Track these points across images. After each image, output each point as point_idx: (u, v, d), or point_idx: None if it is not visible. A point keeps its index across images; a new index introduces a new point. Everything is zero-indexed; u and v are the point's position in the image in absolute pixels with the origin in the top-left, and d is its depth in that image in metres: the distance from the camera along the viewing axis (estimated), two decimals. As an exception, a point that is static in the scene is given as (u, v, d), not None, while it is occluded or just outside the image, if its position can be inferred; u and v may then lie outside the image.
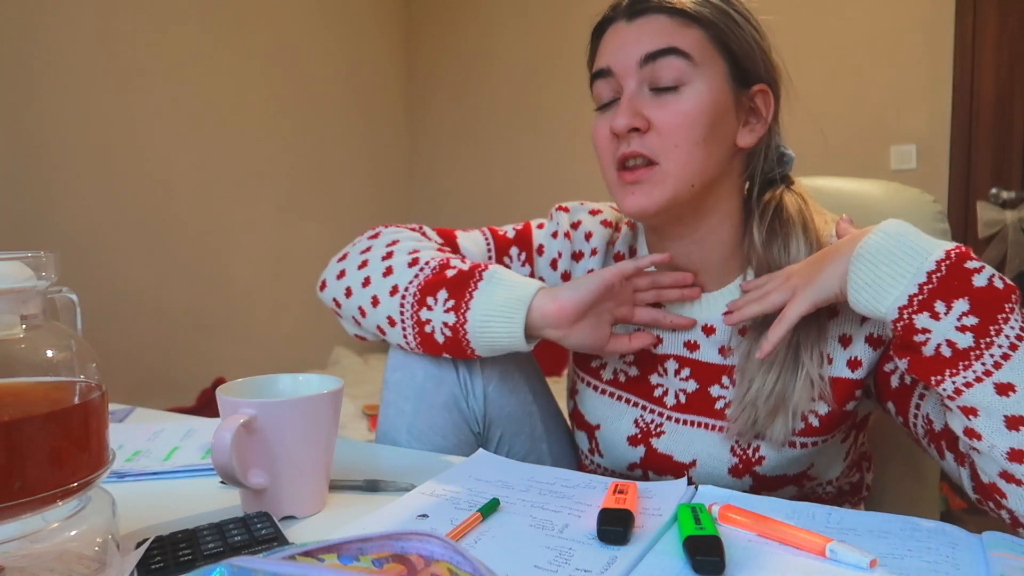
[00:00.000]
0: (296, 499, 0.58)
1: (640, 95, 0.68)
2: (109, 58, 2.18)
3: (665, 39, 0.66)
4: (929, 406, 0.64)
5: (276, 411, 0.56)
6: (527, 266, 0.84)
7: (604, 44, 0.71)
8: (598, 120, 0.72)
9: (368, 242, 0.79)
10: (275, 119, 2.75)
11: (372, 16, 3.21)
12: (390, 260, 0.75)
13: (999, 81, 2.30)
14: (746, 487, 0.72)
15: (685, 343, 0.75)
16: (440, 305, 0.70)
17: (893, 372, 0.67)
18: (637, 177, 0.67)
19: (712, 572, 0.45)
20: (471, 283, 0.69)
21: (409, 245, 0.76)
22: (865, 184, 0.98)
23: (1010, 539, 0.50)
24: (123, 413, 0.94)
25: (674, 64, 0.66)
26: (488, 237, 0.85)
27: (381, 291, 0.73)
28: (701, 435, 0.74)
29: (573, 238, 0.83)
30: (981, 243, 2.34)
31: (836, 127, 2.52)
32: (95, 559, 0.44)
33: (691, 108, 0.66)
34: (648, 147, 0.67)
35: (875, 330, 0.67)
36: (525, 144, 3.14)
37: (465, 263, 0.73)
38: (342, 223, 3.00)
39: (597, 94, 0.72)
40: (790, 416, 0.67)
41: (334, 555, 0.35)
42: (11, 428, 0.39)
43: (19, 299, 0.43)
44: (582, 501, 0.58)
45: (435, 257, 0.74)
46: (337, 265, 0.79)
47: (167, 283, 2.37)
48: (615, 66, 0.69)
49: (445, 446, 0.77)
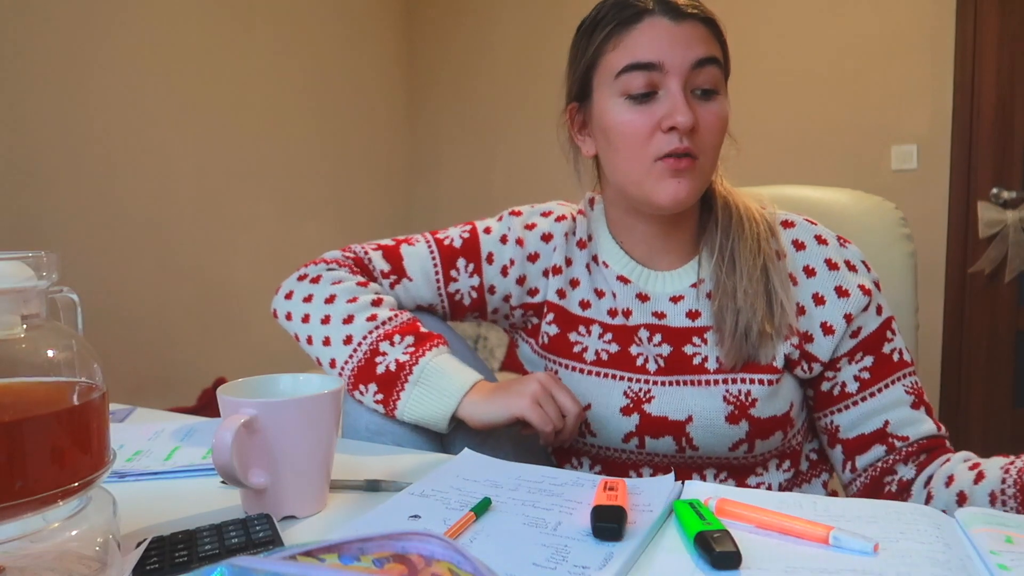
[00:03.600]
0: (297, 499, 0.58)
1: (689, 96, 0.73)
2: (110, 58, 2.18)
3: (710, 48, 0.73)
4: (848, 419, 0.78)
5: (277, 411, 0.56)
6: (475, 276, 0.87)
7: (643, 36, 0.73)
8: (633, 110, 0.74)
9: (310, 288, 0.84)
10: (276, 119, 2.75)
11: (372, 15, 3.22)
12: (328, 328, 0.80)
13: (1000, 81, 2.30)
14: (742, 434, 0.77)
15: (653, 312, 0.82)
16: (370, 395, 0.77)
17: (832, 380, 0.79)
18: (688, 165, 0.73)
19: (732, 566, 0.46)
20: (397, 383, 0.76)
21: (342, 310, 0.80)
22: (829, 192, 1.04)
23: (982, 513, 0.51)
24: (124, 413, 0.94)
25: (714, 72, 0.74)
26: (433, 248, 0.87)
27: (323, 357, 0.81)
28: (690, 392, 0.78)
29: (527, 242, 0.87)
30: (982, 243, 2.34)
31: (837, 127, 2.53)
32: (96, 559, 0.44)
33: (724, 113, 0.75)
34: (695, 146, 0.73)
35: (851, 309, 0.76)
36: (525, 142, 3.13)
37: (395, 344, 0.77)
38: (343, 222, 3.00)
39: (628, 83, 0.74)
40: (773, 338, 0.76)
41: (335, 555, 0.35)
42: (12, 428, 0.39)
43: (20, 299, 0.43)
44: (572, 498, 0.59)
45: (367, 334, 0.78)
46: (285, 303, 0.85)
47: (168, 283, 2.37)
48: (667, 62, 0.72)
49: (403, 433, 0.78)
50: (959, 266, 2.39)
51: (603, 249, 0.86)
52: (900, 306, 0.96)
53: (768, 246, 0.78)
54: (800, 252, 0.79)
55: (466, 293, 0.87)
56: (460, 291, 0.87)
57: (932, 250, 2.40)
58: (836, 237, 0.80)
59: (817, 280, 0.77)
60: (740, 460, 0.80)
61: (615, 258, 0.85)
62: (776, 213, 0.82)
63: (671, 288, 0.82)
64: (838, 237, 0.80)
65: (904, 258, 0.99)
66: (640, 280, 0.83)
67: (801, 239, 0.79)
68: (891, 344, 0.78)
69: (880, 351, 0.78)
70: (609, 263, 0.85)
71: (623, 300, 0.83)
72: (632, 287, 0.83)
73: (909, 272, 0.99)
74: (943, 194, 2.39)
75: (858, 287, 0.77)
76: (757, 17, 2.56)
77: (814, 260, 0.78)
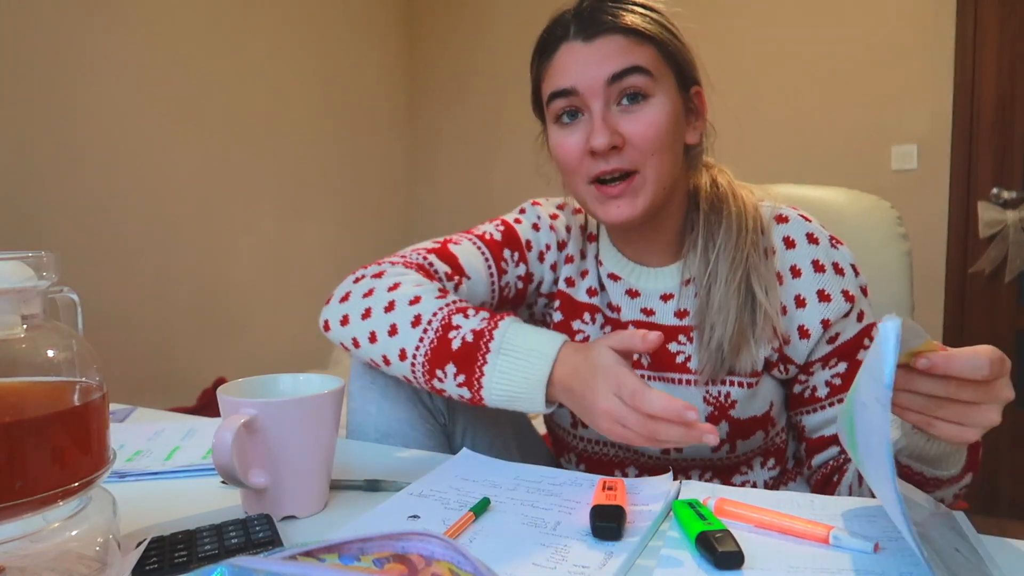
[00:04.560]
0: (297, 499, 0.58)
1: (609, 112, 0.72)
2: (110, 58, 2.18)
3: (627, 58, 0.71)
4: (813, 420, 0.79)
5: (277, 411, 0.56)
6: (521, 265, 0.86)
7: (560, 63, 0.74)
8: (561, 135, 0.75)
9: (372, 282, 0.76)
10: (276, 120, 2.75)
11: (373, 19, 3.22)
12: (393, 314, 0.72)
13: (1000, 81, 2.30)
14: (723, 435, 0.78)
15: (642, 309, 0.83)
16: (451, 379, 0.68)
17: (804, 383, 0.79)
18: (620, 191, 0.73)
19: (735, 565, 0.46)
20: (478, 355, 0.67)
21: (409, 292, 0.73)
22: (825, 191, 1.04)
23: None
24: (124, 413, 0.94)
25: (638, 80, 0.72)
26: (479, 244, 0.85)
27: (390, 352, 0.71)
28: (672, 390, 0.79)
29: (557, 229, 0.88)
30: (982, 243, 2.34)
31: (837, 127, 2.52)
32: (96, 559, 0.44)
33: (659, 118, 0.72)
34: (626, 161, 0.72)
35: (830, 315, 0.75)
36: (525, 144, 3.12)
37: (469, 316, 0.69)
38: (343, 224, 3.00)
39: (555, 110, 0.75)
40: (752, 346, 0.75)
41: (335, 555, 0.35)
42: (12, 428, 0.40)
43: (20, 299, 0.44)
44: (571, 498, 0.59)
45: (438, 311, 0.71)
46: (340, 307, 0.76)
47: (168, 283, 2.37)
48: (580, 86, 0.72)
49: (415, 437, 0.80)
50: (959, 266, 2.39)
51: (601, 247, 0.88)
52: (896, 305, 0.97)
53: (755, 252, 0.76)
54: (789, 250, 0.77)
55: (513, 284, 0.86)
56: (509, 283, 0.86)
57: (932, 250, 2.40)
58: (829, 237, 0.78)
59: (801, 281, 0.76)
60: (724, 460, 0.81)
61: (609, 255, 0.86)
62: (772, 206, 0.80)
63: (661, 285, 0.82)
64: (831, 237, 0.78)
65: (900, 257, 0.99)
66: (631, 277, 0.84)
67: (792, 236, 0.78)
68: (867, 351, 0.78)
69: (855, 358, 0.77)
70: (603, 260, 0.86)
71: (614, 296, 0.84)
72: (622, 284, 0.84)
73: (905, 271, 0.99)
74: (943, 194, 2.39)
75: (841, 292, 0.75)
76: (757, 17, 2.56)
77: (801, 260, 0.76)
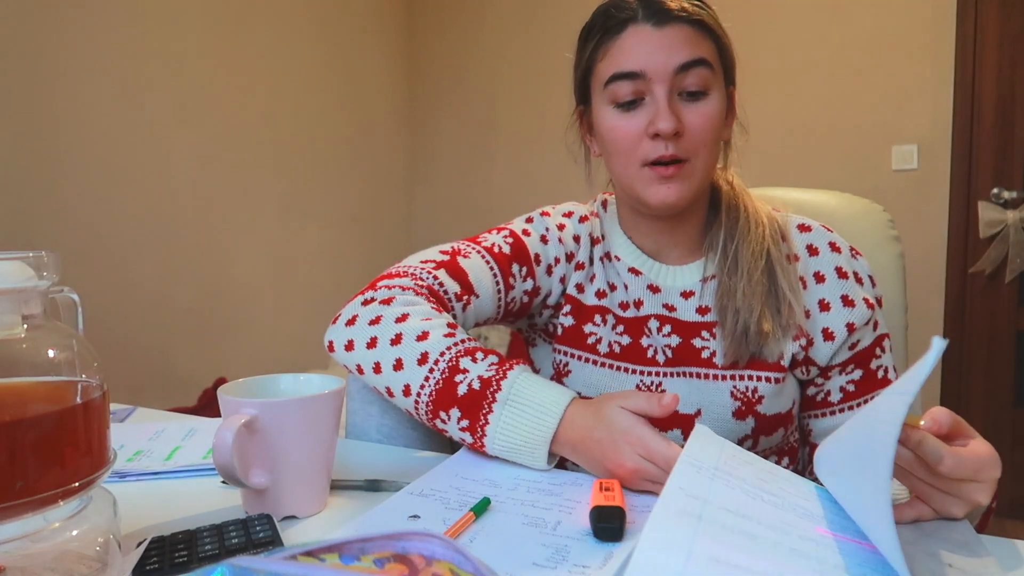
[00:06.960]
0: (297, 499, 0.58)
1: (674, 100, 0.74)
2: (111, 59, 2.18)
3: (696, 50, 0.73)
4: (822, 425, 0.81)
5: (277, 411, 0.56)
6: (529, 280, 0.85)
7: (627, 45, 0.74)
8: (619, 117, 0.76)
9: (380, 309, 0.74)
10: (277, 121, 2.75)
11: (373, 20, 3.22)
12: (399, 348, 0.71)
13: (1001, 81, 2.30)
14: (748, 430, 0.78)
15: (664, 304, 0.83)
16: (454, 422, 0.68)
17: (820, 387, 0.81)
18: (673, 173, 0.74)
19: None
20: (483, 404, 0.67)
21: (416, 327, 0.72)
22: (818, 195, 1.06)
23: None
24: (124, 413, 0.94)
25: (701, 73, 0.73)
26: (488, 259, 0.83)
27: (394, 386, 0.71)
28: (699, 385, 0.79)
29: (565, 241, 0.88)
30: (982, 243, 2.34)
31: (837, 127, 2.52)
32: (96, 559, 0.44)
33: (715, 112, 0.75)
34: (683, 149, 0.74)
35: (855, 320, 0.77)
36: (525, 148, 3.13)
37: (477, 361, 0.69)
38: (343, 225, 3.00)
39: (616, 92, 0.75)
40: (779, 334, 0.76)
41: (335, 555, 0.35)
42: (12, 428, 0.39)
43: (20, 299, 0.43)
44: (571, 498, 0.59)
45: (445, 350, 0.70)
46: (346, 331, 0.75)
47: (168, 283, 2.37)
48: (649, 70, 0.73)
49: (417, 437, 0.80)
50: (959, 266, 2.39)
51: (615, 244, 0.87)
52: (890, 306, 0.98)
53: (776, 248, 0.79)
54: (813, 257, 0.80)
55: (519, 298, 0.85)
56: (515, 298, 0.85)
57: (932, 250, 2.40)
58: (849, 247, 0.81)
59: (826, 287, 0.78)
60: None
61: (626, 251, 0.86)
62: (791, 217, 0.83)
63: (681, 282, 0.83)
64: (851, 248, 0.81)
65: (893, 259, 1.01)
66: (651, 272, 0.84)
67: (816, 244, 0.80)
68: (879, 360, 0.80)
69: (868, 366, 0.79)
70: (621, 256, 0.86)
71: (634, 291, 0.84)
72: (643, 278, 0.84)
73: (898, 273, 1.01)
74: (943, 194, 2.39)
75: (863, 299, 0.77)
76: (757, 17, 2.56)
77: (825, 267, 0.79)
